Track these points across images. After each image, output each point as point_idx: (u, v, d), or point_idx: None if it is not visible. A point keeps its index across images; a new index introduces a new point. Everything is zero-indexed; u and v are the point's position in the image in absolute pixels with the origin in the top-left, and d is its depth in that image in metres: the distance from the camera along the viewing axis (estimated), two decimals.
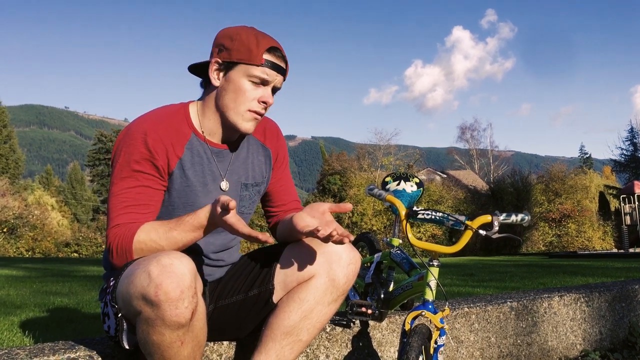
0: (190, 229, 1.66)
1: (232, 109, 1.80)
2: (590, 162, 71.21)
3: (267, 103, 1.81)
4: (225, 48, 1.78)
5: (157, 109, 1.84)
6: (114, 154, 1.77)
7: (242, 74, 1.77)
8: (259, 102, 1.79)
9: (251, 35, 1.77)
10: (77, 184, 74.91)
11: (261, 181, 1.99)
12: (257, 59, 1.75)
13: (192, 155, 1.82)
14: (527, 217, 1.99)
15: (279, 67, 1.80)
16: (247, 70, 1.76)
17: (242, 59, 1.75)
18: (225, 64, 1.78)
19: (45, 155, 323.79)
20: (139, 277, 1.48)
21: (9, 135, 50.95)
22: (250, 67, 1.76)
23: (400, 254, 2.40)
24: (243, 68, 1.76)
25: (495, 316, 2.96)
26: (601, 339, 3.57)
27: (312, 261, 1.81)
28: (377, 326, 2.46)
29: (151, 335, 1.50)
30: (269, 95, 1.81)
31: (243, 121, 1.80)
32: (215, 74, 1.81)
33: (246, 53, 1.75)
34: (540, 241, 30.49)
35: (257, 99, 1.79)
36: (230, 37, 1.78)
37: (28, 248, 29.43)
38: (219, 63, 1.79)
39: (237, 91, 1.78)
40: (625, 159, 46.30)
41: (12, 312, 3.39)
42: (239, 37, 1.77)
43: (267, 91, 1.80)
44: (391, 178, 2.52)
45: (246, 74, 1.77)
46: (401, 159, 44.03)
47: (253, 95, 1.78)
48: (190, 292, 1.47)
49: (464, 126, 60.52)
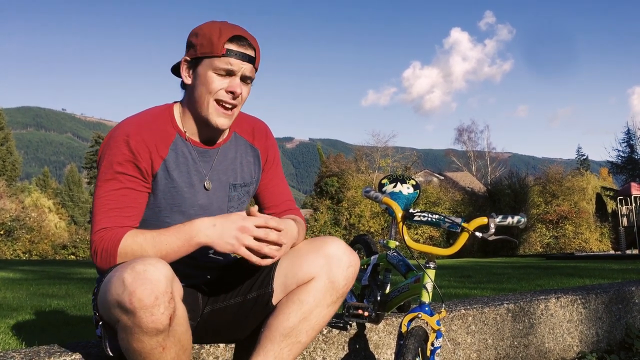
0: (179, 235, 1.66)
1: (201, 103, 1.79)
2: (587, 163, 71.32)
3: (234, 93, 1.78)
4: (192, 45, 1.78)
5: (141, 112, 1.84)
6: (99, 158, 1.78)
7: (207, 67, 1.76)
8: (227, 92, 1.78)
9: (214, 28, 1.76)
10: (74, 186, 74.80)
11: (250, 182, 1.98)
12: (219, 50, 1.74)
13: (176, 155, 1.81)
14: (523, 219, 1.99)
15: (243, 54, 1.77)
16: (211, 63, 1.75)
17: (205, 52, 1.75)
18: (192, 60, 1.79)
19: (43, 158, 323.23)
20: (114, 284, 1.47)
21: (6, 138, 50.89)
22: (214, 59, 1.75)
23: (396, 256, 2.40)
24: (207, 61, 1.76)
25: (492, 318, 2.96)
26: (598, 341, 3.57)
27: (311, 263, 1.81)
28: (374, 328, 2.45)
29: (131, 342, 1.49)
30: (237, 84, 1.78)
31: (214, 116, 1.79)
32: (186, 72, 1.81)
33: (208, 46, 1.74)
34: (537, 243, 30.51)
35: (224, 89, 1.78)
36: (195, 34, 1.79)
37: (25, 250, 29.34)
38: (187, 61, 1.80)
39: (204, 84, 1.77)
40: (622, 160, 46.38)
41: (8, 315, 3.37)
42: (202, 32, 1.77)
43: (234, 81, 1.78)
44: (387, 180, 2.52)
45: (211, 67, 1.76)
46: (399, 160, 44.04)
47: (219, 86, 1.77)
48: (166, 297, 1.46)
49: (461, 128, 60.70)
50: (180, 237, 1.67)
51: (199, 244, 1.68)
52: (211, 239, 1.67)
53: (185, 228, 1.68)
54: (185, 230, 1.68)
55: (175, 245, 1.67)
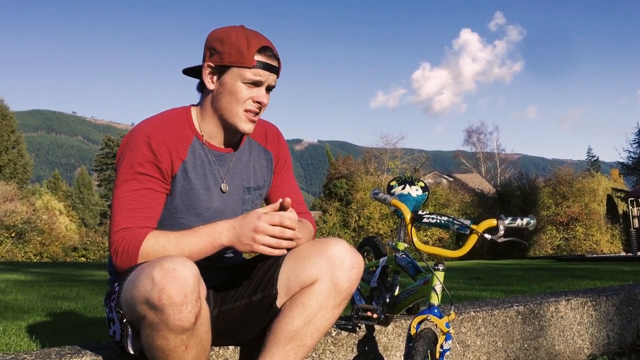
0: (202, 236, 1.69)
1: (229, 111, 1.81)
2: (598, 165, 70.83)
3: (261, 103, 1.82)
4: (216, 51, 1.79)
5: (159, 114, 1.86)
6: (118, 158, 1.79)
7: (235, 76, 1.78)
8: (254, 101, 1.81)
9: (241, 37, 1.77)
10: (84, 189, 75.18)
11: (263, 184, 2.00)
12: (249, 62, 1.76)
13: (194, 158, 1.83)
14: (532, 221, 1.98)
15: (271, 66, 1.81)
16: (239, 73, 1.78)
17: (234, 62, 1.77)
18: (217, 67, 1.80)
19: (53, 160, 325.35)
20: (143, 282, 1.49)
21: (17, 141, 51.19)
22: (243, 69, 1.77)
23: (405, 258, 2.40)
24: (236, 71, 1.78)
25: (502, 320, 2.95)
26: (609, 343, 3.55)
27: (314, 266, 1.81)
28: (383, 330, 2.45)
29: (155, 340, 1.51)
30: (263, 95, 1.82)
31: (242, 122, 1.82)
32: (209, 77, 1.82)
33: (237, 56, 1.76)
34: (547, 244, 30.33)
35: (251, 99, 1.81)
36: (220, 40, 1.79)
37: (36, 253, 29.54)
38: (211, 67, 1.81)
39: (232, 94, 1.79)
40: (632, 161, 45.95)
41: (19, 317, 3.40)
42: (229, 40, 1.77)
43: (261, 91, 1.82)
44: (396, 182, 2.52)
45: (239, 77, 1.78)
46: (407, 162, 43.89)
47: (248, 96, 1.80)
48: (194, 296, 1.48)
49: (470, 129, 60.44)
50: (204, 238, 1.69)
51: (222, 246, 1.71)
52: (232, 240, 1.69)
53: (208, 230, 1.70)
54: (208, 232, 1.70)
55: (199, 247, 1.69)
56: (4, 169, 47.54)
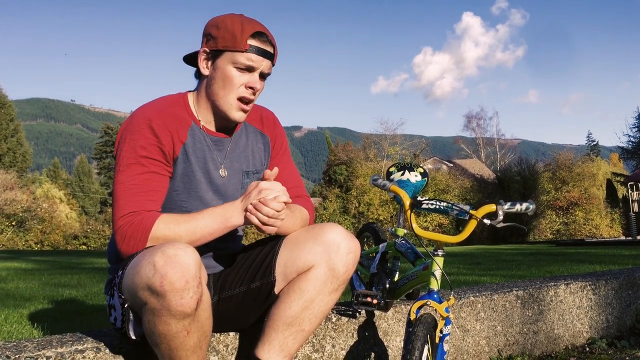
0: (215, 217, 1.71)
1: (221, 97, 1.82)
2: (598, 149, 70.84)
3: (254, 88, 1.82)
4: (212, 37, 1.80)
5: (156, 99, 1.86)
6: (118, 144, 1.78)
7: (227, 61, 1.78)
8: (246, 87, 1.81)
9: (236, 22, 1.78)
10: (84, 177, 75.18)
11: (261, 168, 2.00)
12: (242, 45, 1.76)
13: (194, 141, 1.84)
14: (531, 206, 1.98)
15: (264, 51, 1.80)
16: (232, 57, 1.78)
17: (227, 46, 1.77)
18: (212, 52, 1.80)
19: (53, 149, 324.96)
20: (144, 267, 1.50)
21: (15, 129, 51.09)
22: (235, 53, 1.77)
23: (405, 244, 2.40)
24: (228, 55, 1.78)
25: (502, 305, 2.97)
26: (608, 327, 3.57)
27: (310, 252, 1.81)
28: (383, 316, 2.46)
29: (157, 325, 1.52)
30: (256, 80, 1.82)
31: (233, 110, 1.83)
32: (204, 63, 1.83)
33: (231, 40, 1.76)
34: (547, 229, 30.41)
35: (244, 85, 1.80)
36: (216, 26, 1.79)
37: (37, 241, 29.64)
38: (206, 52, 1.82)
39: (225, 79, 1.79)
40: (632, 146, 45.91)
41: (21, 305, 3.42)
42: (224, 25, 1.78)
43: (254, 77, 1.81)
44: (395, 168, 2.52)
45: (231, 61, 1.78)
46: (407, 148, 43.87)
47: (240, 82, 1.80)
48: (195, 282, 1.49)
49: (470, 115, 60.34)
50: (217, 219, 1.72)
51: (234, 226, 1.75)
52: (241, 219, 1.73)
53: (219, 211, 1.74)
54: (220, 213, 1.73)
55: (212, 229, 1.72)
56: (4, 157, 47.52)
